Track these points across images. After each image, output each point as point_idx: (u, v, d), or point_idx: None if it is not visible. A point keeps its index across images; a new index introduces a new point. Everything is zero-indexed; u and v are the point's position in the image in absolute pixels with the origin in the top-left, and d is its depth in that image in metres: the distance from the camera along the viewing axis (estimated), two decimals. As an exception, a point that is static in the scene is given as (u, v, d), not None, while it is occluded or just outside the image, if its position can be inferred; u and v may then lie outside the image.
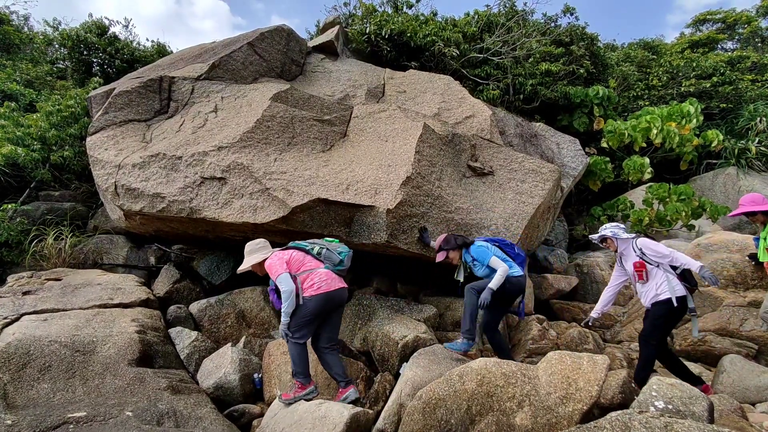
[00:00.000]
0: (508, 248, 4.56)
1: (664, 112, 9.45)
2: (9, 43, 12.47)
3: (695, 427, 2.30)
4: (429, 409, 3.20)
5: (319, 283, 3.79)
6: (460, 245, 4.46)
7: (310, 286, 3.77)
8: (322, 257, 4.01)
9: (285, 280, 3.70)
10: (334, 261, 4.02)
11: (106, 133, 5.82)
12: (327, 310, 3.85)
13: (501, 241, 4.61)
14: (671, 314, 3.99)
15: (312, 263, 3.93)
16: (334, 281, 3.89)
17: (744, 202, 4.32)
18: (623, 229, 4.44)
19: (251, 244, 4.10)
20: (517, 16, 11.05)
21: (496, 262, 4.23)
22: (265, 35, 7.28)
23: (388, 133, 5.77)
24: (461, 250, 4.49)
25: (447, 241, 4.47)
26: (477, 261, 4.36)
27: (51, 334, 4.10)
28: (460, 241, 4.46)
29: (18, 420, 3.05)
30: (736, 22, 18.65)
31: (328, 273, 3.91)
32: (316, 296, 3.74)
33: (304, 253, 4.00)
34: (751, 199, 4.31)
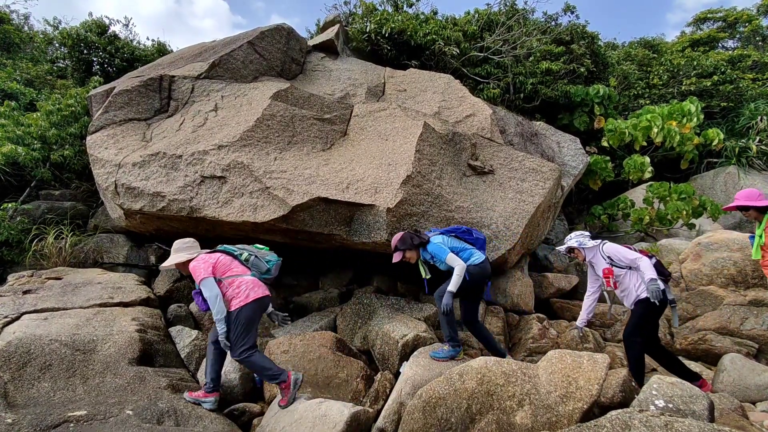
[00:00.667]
0: (465, 235, 4.44)
1: (665, 110, 9.44)
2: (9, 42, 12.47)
3: (695, 425, 2.30)
4: (429, 407, 3.20)
5: (247, 291, 3.72)
6: (417, 245, 4.28)
7: (237, 294, 3.70)
8: (250, 264, 3.94)
9: (209, 284, 3.63)
10: (262, 269, 3.95)
11: (107, 132, 5.82)
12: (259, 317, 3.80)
13: (457, 229, 4.47)
14: (652, 311, 4.04)
15: (239, 269, 3.86)
16: (261, 288, 3.82)
17: (739, 197, 4.29)
18: (588, 236, 4.47)
19: (179, 242, 4.00)
20: (518, 14, 11.04)
21: (452, 260, 4.10)
22: (265, 34, 7.27)
23: (389, 131, 5.77)
24: (418, 249, 4.31)
25: (403, 240, 4.28)
26: (436, 258, 4.23)
27: (51, 333, 4.10)
28: (416, 241, 4.27)
29: (18, 419, 3.05)
30: (737, 21, 18.62)
31: (255, 280, 3.84)
32: (248, 304, 3.67)
33: (232, 258, 3.93)
34: (746, 194, 4.27)
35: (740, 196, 4.26)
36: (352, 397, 3.99)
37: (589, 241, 4.39)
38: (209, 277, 3.66)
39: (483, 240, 4.52)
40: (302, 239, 5.26)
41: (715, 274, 5.19)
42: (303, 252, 6.34)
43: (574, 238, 4.49)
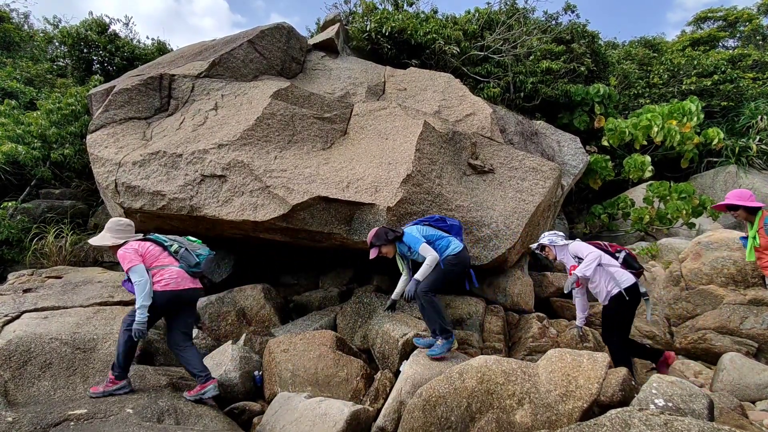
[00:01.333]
0: (439, 222, 4.42)
1: (665, 110, 9.43)
2: (9, 41, 12.47)
3: (695, 424, 2.31)
4: (429, 406, 3.21)
5: (168, 281, 3.71)
6: (392, 239, 4.24)
7: (158, 282, 3.69)
8: (179, 256, 3.92)
9: (139, 271, 3.61)
10: (190, 262, 3.93)
11: (107, 130, 5.82)
12: (173, 308, 3.78)
13: (430, 218, 4.46)
14: (625, 307, 4.09)
15: (166, 260, 3.85)
16: (185, 281, 3.82)
17: (730, 196, 4.21)
18: (561, 236, 4.53)
19: (114, 222, 3.95)
20: (518, 13, 11.03)
21: (424, 249, 4.06)
22: (265, 33, 7.27)
23: (389, 130, 5.76)
24: (394, 243, 4.28)
25: (377, 236, 4.24)
26: (412, 249, 4.18)
27: (52, 332, 4.11)
28: (391, 236, 4.23)
29: (19, 417, 3.06)
30: (738, 20, 18.60)
31: (180, 272, 3.83)
32: (161, 292, 3.67)
33: (161, 248, 3.91)
34: (737, 194, 4.20)
35: (731, 196, 4.20)
36: (352, 396, 3.99)
37: (560, 240, 4.45)
38: (139, 264, 3.65)
39: (458, 226, 4.49)
40: (302, 238, 5.26)
41: (715, 274, 5.19)
42: (303, 251, 6.34)
43: (547, 236, 4.56)
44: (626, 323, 4.26)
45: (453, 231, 4.40)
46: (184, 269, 3.88)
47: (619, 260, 4.34)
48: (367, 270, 6.36)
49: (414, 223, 4.40)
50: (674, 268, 5.59)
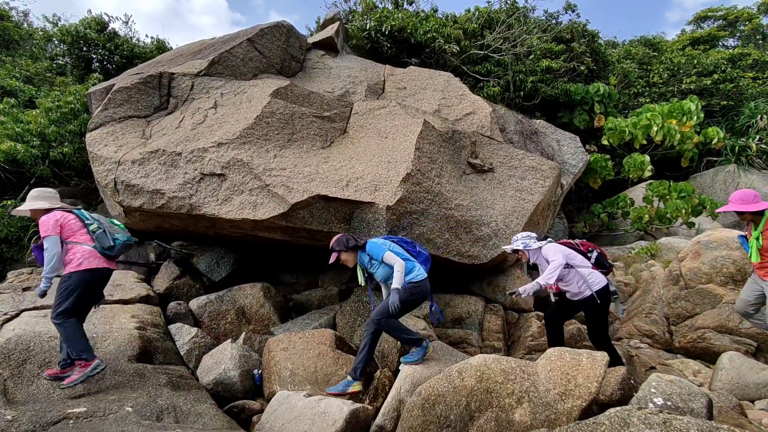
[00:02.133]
0: (409, 246, 4.23)
1: (665, 109, 9.43)
2: (8, 39, 12.45)
3: (694, 423, 2.31)
4: (428, 405, 3.21)
5: (81, 259, 3.73)
6: (352, 247, 4.11)
7: (71, 260, 3.72)
8: (95, 236, 3.90)
9: (53, 242, 3.64)
10: (104, 244, 3.89)
11: (106, 129, 5.81)
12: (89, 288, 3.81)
13: (401, 239, 4.28)
14: (597, 308, 4.15)
15: (82, 237, 3.85)
16: (97, 260, 3.82)
17: (733, 199, 4.05)
18: (534, 238, 4.48)
19: (40, 190, 3.93)
20: (518, 12, 11.02)
21: (390, 257, 3.92)
22: (264, 31, 7.26)
23: (388, 129, 5.76)
24: (356, 252, 4.15)
25: (338, 241, 4.13)
26: (374, 259, 4.04)
27: (51, 330, 4.10)
28: (351, 243, 4.11)
29: (18, 415, 3.05)
30: (738, 20, 18.60)
31: (92, 251, 3.81)
32: (78, 272, 3.69)
33: (81, 224, 3.90)
34: (741, 197, 4.03)
35: (735, 199, 4.04)
36: (351, 395, 3.99)
37: (534, 242, 4.41)
38: (55, 236, 3.68)
39: (426, 257, 4.28)
40: (302, 237, 5.26)
41: (715, 273, 5.20)
42: (302, 250, 6.33)
43: (520, 239, 4.47)
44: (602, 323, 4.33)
45: (419, 258, 4.18)
46: (97, 249, 3.85)
47: (591, 260, 4.37)
48: (367, 269, 6.35)
49: (383, 237, 4.26)
50: (674, 267, 5.60)
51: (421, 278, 3.98)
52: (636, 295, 6.08)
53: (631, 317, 5.73)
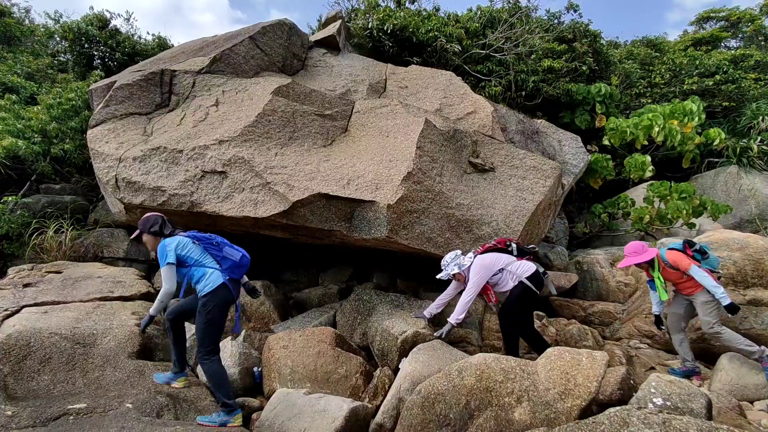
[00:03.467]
0: (213, 249, 3.63)
1: (667, 110, 9.41)
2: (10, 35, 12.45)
3: (693, 423, 2.31)
4: (428, 403, 3.21)
5: None
6: (153, 232, 3.60)
7: None
8: None
9: None
10: None
11: (107, 126, 5.81)
12: None
13: (208, 238, 3.67)
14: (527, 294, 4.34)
15: None
16: None
17: (627, 253, 4.51)
18: (460, 255, 4.59)
19: None
20: (520, 12, 11.00)
21: (165, 275, 3.42)
22: (266, 29, 7.25)
23: (390, 128, 5.76)
24: (156, 238, 3.63)
25: (145, 221, 3.65)
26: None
27: (51, 327, 4.11)
28: (153, 229, 3.60)
29: (18, 411, 3.06)
30: (740, 21, 18.55)
31: None
32: None
33: None
34: (633, 250, 4.49)
35: (628, 252, 4.50)
36: (351, 393, 4.00)
37: (465, 259, 4.53)
38: None
39: (235, 263, 3.64)
40: (302, 235, 5.26)
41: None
42: (303, 248, 6.34)
43: (451, 263, 4.54)
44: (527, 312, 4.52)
45: (225, 264, 3.61)
46: None
47: (513, 252, 4.58)
48: (367, 267, 6.36)
49: (190, 235, 3.69)
50: (674, 268, 5.59)
51: (211, 288, 3.46)
52: (636, 296, 6.08)
53: (632, 317, 5.72)
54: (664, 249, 4.51)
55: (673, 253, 4.38)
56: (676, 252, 4.39)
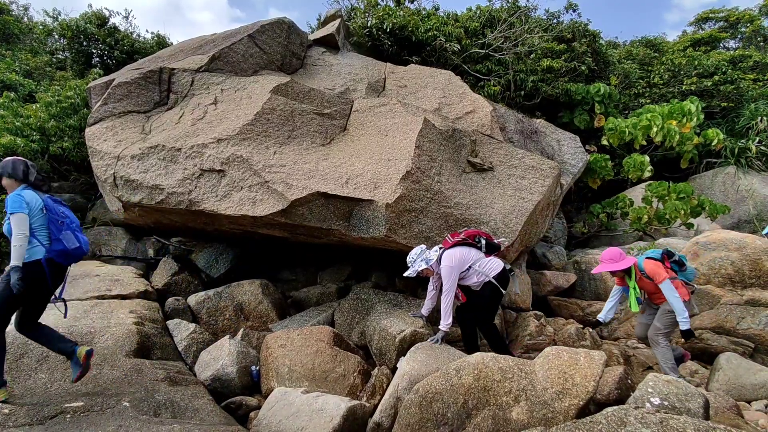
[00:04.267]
0: (54, 225, 3.27)
1: (665, 110, 9.43)
2: (8, 33, 12.41)
3: (690, 423, 2.31)
4: (426, 402, 3.21)
5: None
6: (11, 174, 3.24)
7: None
8: None
9: None
10: None
11: (106, 124, 5.80)
12: None
13: (57, 215, 3.32)
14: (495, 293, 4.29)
15: None
16: None
17: (603, 259, 4.40)
18: (425, 249, 4.48)
19: None
20: (520, 11, 11.00)
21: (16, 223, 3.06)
22: (265, 28, 7.24)
23: (389, 127, 5.75)
24: (16, 183, 3.26)
25: (3, 165, 3.29)
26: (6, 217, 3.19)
27: (49, 324, 4.09)
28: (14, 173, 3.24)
29: (15, 409, 3.05)
30: (739, 21, 18.58)
31: None
32: None
33: None
34: (609, 256, 4.38)
35: (604, 259, 4.41)
36: (349, 392, 4.00)
37: (432, 253, 4.43)
38: None
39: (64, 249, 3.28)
40: (301, 234, 5.25)
41: (713, 274, 5.21)
42: (301, 247, 6.33)
43: (417, 259, 4.41)
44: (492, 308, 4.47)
45: (55, 245, 3.25)
46: None
47: (482, 248, 4.48)
48: (366, 267, 6.36)
49: (44, 199, 3.32)
50: (672, 268, 5.60)
51: (25, 259, 3.11)
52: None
53: (629, 317, 5.73)
54: (642, 257, 4.41)
55: (651, 264, 4.27)
56: (654, 262, 4.28)
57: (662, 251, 4.45)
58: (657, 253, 4.43)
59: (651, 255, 4.39)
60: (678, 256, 4.45)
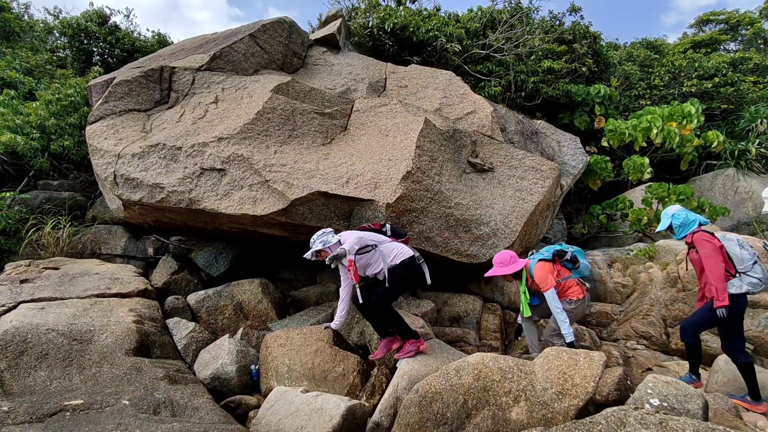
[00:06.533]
0: None
1: (665, 111, 9.44)
2: (9, 30, 12.40)
3: (690, 424, 2.32)
4: (425, 402, 3.21)
5: None
6: None
7: None
8: None
9: None
10: None
11: (106, 122, 5.80)
12: None
13: None
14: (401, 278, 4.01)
15: None
16: None
17: (495, 263, 4.34)
18: (331, 233, 4.23)
19: None
20: (521, 12, 11.01)
21: None
22: (267, 27, 7.24)
23: (389, 127, 5.76)
24: None
25: None
26: None
27: (48, 323, 4.10)
28: None
29: (15, 407, 3.05)
30: (739, 24, 18.62)
31: None
32: None
33: None
34: (500, 260, 4.31)
35: (495, 262, 4.33)
36: (348, 391, 4.00)
37: (332, 236, 4.18)
38: None
39: None
40: (301, 233, 5.25)
41: (712, 275, 5.21)
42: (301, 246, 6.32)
43: (318, 239, 4.16)
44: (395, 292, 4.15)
45: None
46: None
47: (387, 233, 4.30)
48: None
49: None
50: (671, 270, 5.61)
51: None
52: (633, 297, 6.09)
53: (629, 318, 5.74)
54: (535, 260, 4.31)
55: (540, 269, 4.19)
56: (543, 266, 4.20)
57: (553, 251, 4.35)
58: (549, 252, 4.33)
59: (542, 256, 4.31)
60: (571, 254, 4.36)
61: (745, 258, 3.80)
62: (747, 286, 3.74)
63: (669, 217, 4.15)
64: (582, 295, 4.22)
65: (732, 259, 3.81)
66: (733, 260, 3.81)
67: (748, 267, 3.78)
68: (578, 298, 4.18)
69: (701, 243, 3.83)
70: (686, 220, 4.05)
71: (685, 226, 4.04)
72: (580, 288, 4.26)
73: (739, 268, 3.79)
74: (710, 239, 3.84)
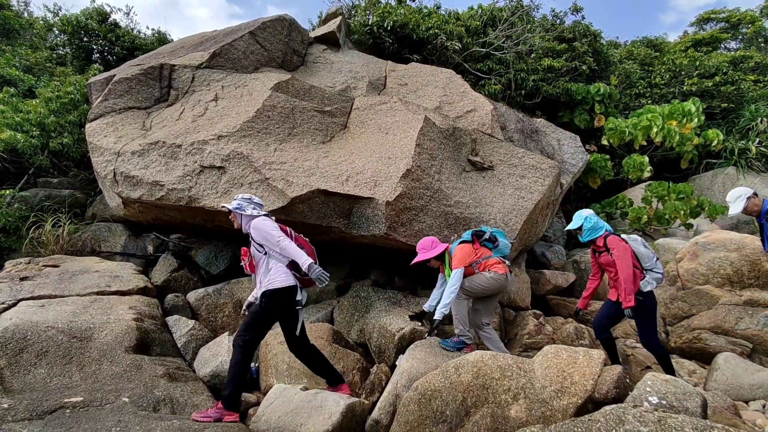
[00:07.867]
0: None
1: (666, 110, 9.43)
2: (9, 28, 12.37)
3: (688, 422, 2.32)
4: (425, 400, 3.22)
5: None
6: None
7: None
8: None
9: None
10: None
11: (106, 120, 5.79)
12: None
13: None
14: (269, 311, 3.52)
15: None
16: None
17: (418, 249, 4.32)
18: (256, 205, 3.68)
19: None
20: (522, 10, 10.99)
21: None
22: (266, 24, 7.23)
23: (389, 125, 5.75)
24: None
25: None
26: None
27: (48, 320, 4.10)
28: None
29: (14, 404, 3.06)
30: (740, 22, 18.59)
31: None
32: None
33: None
34: (422, 246, 4.30)
35: (419, 248, 4.33)
36: (347, 389, 4.00)
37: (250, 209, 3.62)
38: None
39: None
40: (300, 231, 5.25)
41: (712, 274, 5.22)
42: (301, 244, 6.31)
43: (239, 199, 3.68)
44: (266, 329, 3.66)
45: None
46: None
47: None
48: (365, 264, 6.36)
49: None
50: (671, 268, 5.61)
51: None
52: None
53: (628, 317, 5.74)
54: (455, 243, 4.34)
55: (459, 250, 4.21)
56: (462, 247, 4.23)
57: (472, 232, 4.39)
58: (468, 234, 4.38)
59: (463, 238, 4.35)
60: (490, 233, 4.40)
61: (649, 256, 4.18)
62: (654, 282, 4.10)
63: (582, 219, 4.36)
64: (503, 272, 4.24)
65: (638, 258, 4.16)
66: (639, 259, 4.16)
67: (652, 264, 4.16)
68: (503, 272, 4.23)
69: (615, 245, 4.11)
70: (597, 225, 4.31)
71: (595, 230, 4.30)
72: (503, 266, 4.29)
73: (645, 265, 4.15)
74: (621, 241, 4.15)
